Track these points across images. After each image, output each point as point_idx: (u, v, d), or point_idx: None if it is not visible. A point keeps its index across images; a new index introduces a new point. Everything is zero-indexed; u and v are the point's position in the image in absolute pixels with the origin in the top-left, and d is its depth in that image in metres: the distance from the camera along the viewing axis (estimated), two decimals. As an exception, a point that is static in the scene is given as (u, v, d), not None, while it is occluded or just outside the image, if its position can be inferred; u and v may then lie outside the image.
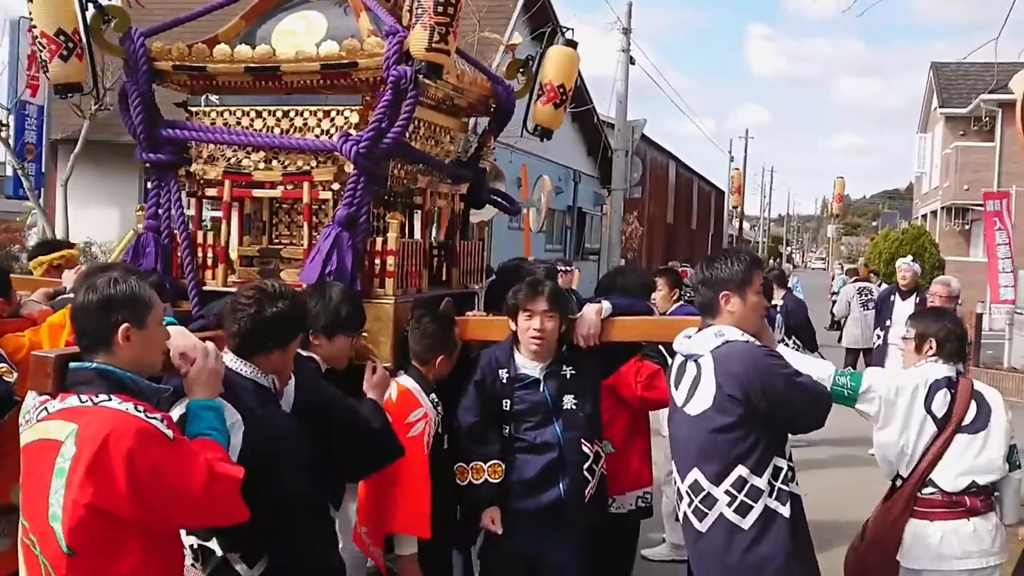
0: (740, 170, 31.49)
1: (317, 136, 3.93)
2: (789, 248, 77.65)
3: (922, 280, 10.35)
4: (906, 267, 9.81)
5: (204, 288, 4.02)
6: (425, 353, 3.80)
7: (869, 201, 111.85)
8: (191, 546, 2.86)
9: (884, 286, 12.77)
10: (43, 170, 14.45)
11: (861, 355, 11.53)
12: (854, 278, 15.01)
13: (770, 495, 3.20)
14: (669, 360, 4.59)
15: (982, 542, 3.72)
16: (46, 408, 2.47)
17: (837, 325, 13.26)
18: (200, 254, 4.10)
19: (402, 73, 3.63)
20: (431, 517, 3.65)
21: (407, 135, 3.99)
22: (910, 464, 3.82)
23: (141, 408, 2.42)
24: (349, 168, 3.79)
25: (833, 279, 28.05)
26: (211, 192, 4.12)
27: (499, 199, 4.99)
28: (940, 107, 31.04)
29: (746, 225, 66.63)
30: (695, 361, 3.34)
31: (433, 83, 3.85)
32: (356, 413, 3.28)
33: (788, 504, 3.22)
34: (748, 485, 3.17)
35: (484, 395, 3.89)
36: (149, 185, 4.19)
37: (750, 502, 3.17)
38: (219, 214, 4.29)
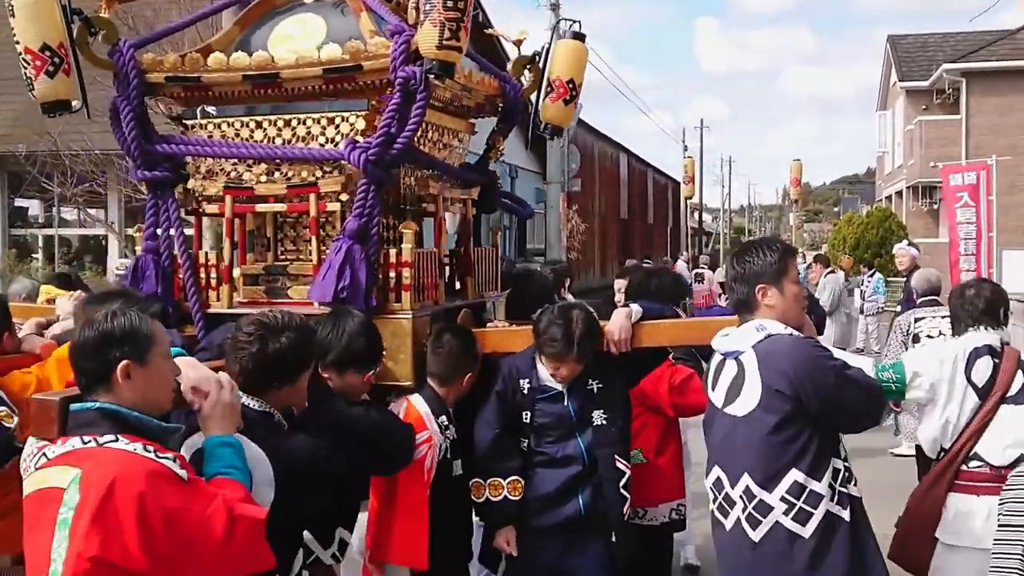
0: (693, 159, 30.94)
1: (322, 145, 3.74)
2: (752, 238, 77.92)
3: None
4: (902, 251, 9.82)
5: (209, 311, 3.82)
6: (448, 373, 3.64)
7: (829, 188, 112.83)
8: None
9: (877, 275, 12.63)
10: None
11: None
12: (828, 270, 13.94)
13: (831, 499, 3.04)
14: (703, 364, 4.50)
15: None
16: (45, 454, 2.26)
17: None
18: (203, 275, 3.90)
19: (411, 74, 3.45)
20: (443, 546, 3.52)
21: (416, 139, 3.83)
22: (953, 436, 3.68)
23: (151, 448, 2.23)
24: (357, 177, 3.61)
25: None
26: (211, 209, 3.93)
27: (510, 202, 4.84)
28: (900, 81, 30.59)
29: (708, 217, 66.84)
30: (735, 359, 3.19)
31: (441, 83, 3.69)
32: (368, 423, 3.14)
33: (848, 508, 3.07)
34: (807, 491, 3.01)
35: (505, 407, 3.74)
36: (146, 205, 3.97)
37: (810, 508, 3.01)
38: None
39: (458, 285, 4.34)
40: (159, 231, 3.90)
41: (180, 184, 3.93)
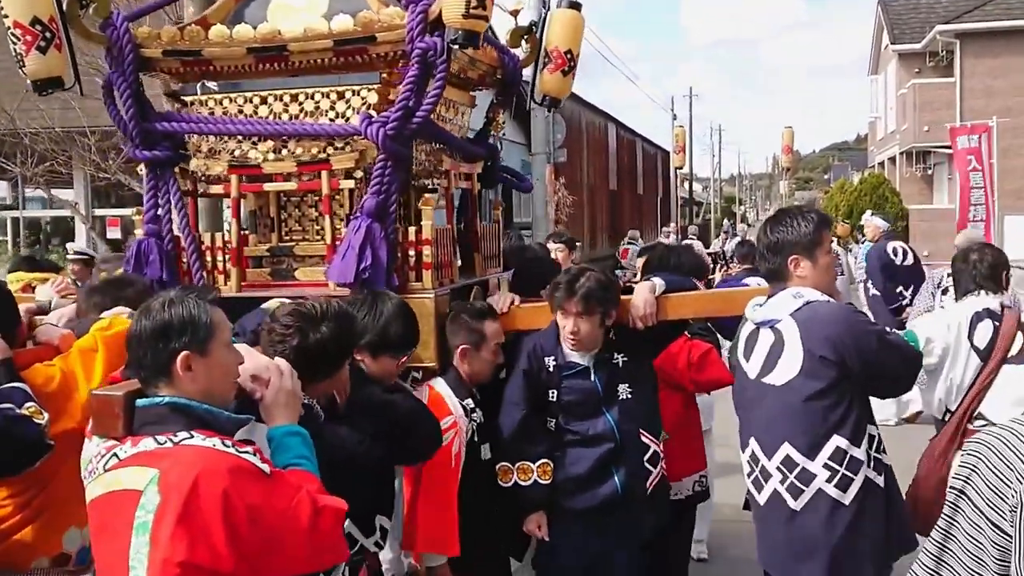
0: (684, 128, 30.17)
1: (332, 120, 3.56)
2: (743, 207, 77.94)
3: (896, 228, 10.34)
4: (869, 222, 9.95)
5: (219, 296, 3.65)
6: (451, 341, 3.52)
7: (819, 155, 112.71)
8: None
9: (867, 242, 12.54)
10: None
11: None
12: None
13: (868, 465, 3.02)
14: (719, 338, 4.38)
15: None
16: (115, 455, 2.12)
17: None
18: (209, 258, 3.73)
19: (430, 45, 3.29)
20: (478, 533, 3.40)
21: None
22: (958, 397, 3.78)
23: (228, 443, 2.11)
24: (370, 153, 3.44)
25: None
26: (215, 189, 3.75)
27: (509, 176, 4.67)
28: (892, 44, 29.78)
29: (698, 187, 66.57)
30: (772, 328, 3.12)
31: (453, 55, 3.51)
32: (404, 411, 3.01)
33: (883, 474, 3.06)
34: (848, 457, 2.98)
35: (530, 385, 3.61)
36: (145, 186, 3.79)
37: (851, 475, 2.98)
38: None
39: (459, 262, 4.16)
40: (160, 213, 3.72)
41: (179, 164, 3.76)
